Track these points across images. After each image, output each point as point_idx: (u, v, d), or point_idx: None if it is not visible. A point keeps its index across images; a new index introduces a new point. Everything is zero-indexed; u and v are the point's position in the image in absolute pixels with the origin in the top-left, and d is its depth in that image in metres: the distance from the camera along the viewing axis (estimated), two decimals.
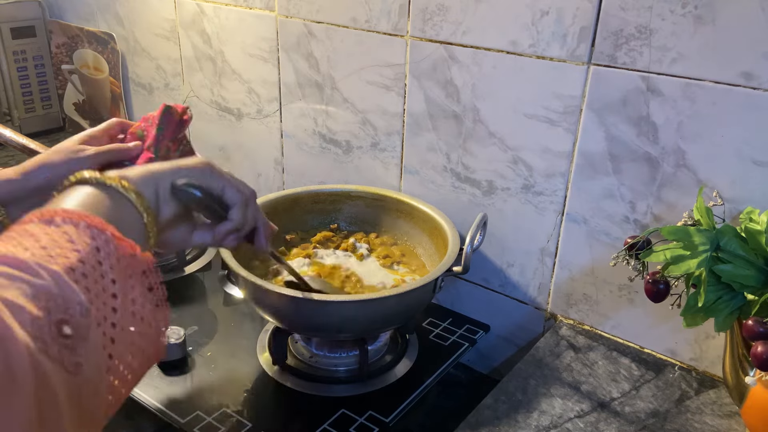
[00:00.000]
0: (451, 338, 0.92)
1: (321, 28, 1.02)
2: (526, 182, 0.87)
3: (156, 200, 0.53)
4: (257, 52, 1.13)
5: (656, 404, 0.74)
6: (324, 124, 1.08)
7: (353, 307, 0.74)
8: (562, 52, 0.79)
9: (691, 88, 0.71)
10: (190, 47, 1.26)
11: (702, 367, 0.80)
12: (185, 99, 1.32)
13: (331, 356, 0.84)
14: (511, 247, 0.92)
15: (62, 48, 1.52)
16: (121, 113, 1.46)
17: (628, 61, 0.74)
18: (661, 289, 0.66)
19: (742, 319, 0.60)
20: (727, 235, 0.62)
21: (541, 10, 0.79)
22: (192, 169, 0.56)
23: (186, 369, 0.83)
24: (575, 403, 0.74)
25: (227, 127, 1.25)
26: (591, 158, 0.80)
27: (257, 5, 1.10)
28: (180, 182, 0.55)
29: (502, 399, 0.74)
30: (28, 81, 1.53)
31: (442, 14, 0.87)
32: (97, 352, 0.38)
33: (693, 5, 0.68)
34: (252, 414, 0.76)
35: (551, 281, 0.90)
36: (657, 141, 0.75)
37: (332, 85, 1.04)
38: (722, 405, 0.74)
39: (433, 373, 0.84)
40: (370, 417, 0.76)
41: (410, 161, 0.99)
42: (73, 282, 0.38)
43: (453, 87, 0.90)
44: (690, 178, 0.74)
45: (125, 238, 0.44)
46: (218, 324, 0.93)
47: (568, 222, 0.85)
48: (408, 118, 0.97)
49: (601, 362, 0.81)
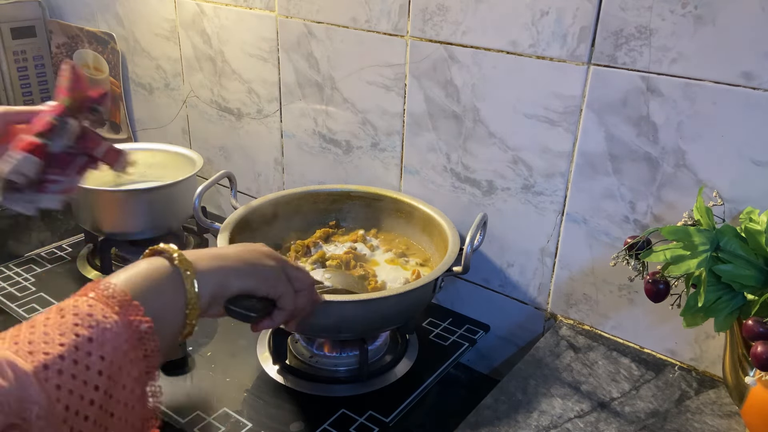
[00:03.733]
0: (451, 338, 0.92)
1: (321, 28, 1.02)
2: (526, 182, 0.87)
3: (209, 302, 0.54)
4: (257, 52, 1.13)
5: (656, 404, 0.74)
6: (324, 124, 1.08)
7: (353, 307, 0.74)
8: (562, 52, 0.79)
9: (691, 88, 0.71)
10: (190, 47, 1.26)
11: (702, 367, 0.80)
12: (185, 99, 1.32)
13: (331, 356, 0.84)
14: (511, 247, 0.92)
15: (62, 48, 1.52)
16: (121, 113, 1.46)
17: (628, 61, 0.74)
18: (661, 289, 0.66)
19: (742, 319, 0.60)
20: (727, 235, 0.62)
21: (541, 10, 0.79)
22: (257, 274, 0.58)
23: (186, 369, 0.83)
24: (575, 403, 0.74)
25: (227, 127, 1.25)
26: (591, 158, 0.80)
27: (257, 5, 1.10)
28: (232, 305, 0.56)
29: (502, 399, 0.74)
30: (28, 81, 1.53)
31: (442, 14, 0.87)
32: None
33: (693, 5, 0.68)
34: (252, 414, 0.76)
35: (551, 281, 0.90)
36: (657, 141, 0.75)
37: (332, 85, 1.04)
38: (722, 405, 0.74)
39: (433, 373, 0.84)
40: (370, 417, 0.76)
41: (410, 161, 0.99)
42: (42, 380, 0.39)
43: (453, 87, 0.90)
44: (690, 178, 0.74)
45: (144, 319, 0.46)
46: (218, 324, 0.93)
47: (568, 222, 0.85)
48: (408, 118, 0.97)
49: (601, 362, 0.81)
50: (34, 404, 0.38)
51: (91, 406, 0.42)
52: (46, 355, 0.41)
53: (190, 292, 0.52)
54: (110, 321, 0.44)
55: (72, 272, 1.06)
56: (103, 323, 0.44)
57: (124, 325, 0.45)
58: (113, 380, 0.43)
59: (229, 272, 0.56)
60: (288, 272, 0.61)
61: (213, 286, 0.54)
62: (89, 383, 0.42)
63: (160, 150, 1.20)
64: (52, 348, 0.41)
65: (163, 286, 0.51)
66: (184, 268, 0.52)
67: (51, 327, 0.43)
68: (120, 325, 0.45)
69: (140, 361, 0.45)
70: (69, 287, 1.02)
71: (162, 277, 0.51)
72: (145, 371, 0.46)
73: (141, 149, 1.22)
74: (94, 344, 0.43)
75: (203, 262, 0.54)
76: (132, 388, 0.45)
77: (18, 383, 0.38)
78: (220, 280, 0.55)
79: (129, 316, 0.46)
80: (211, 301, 0.54)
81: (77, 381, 0.41)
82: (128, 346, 0.45)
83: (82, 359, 0.42)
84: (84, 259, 1.10)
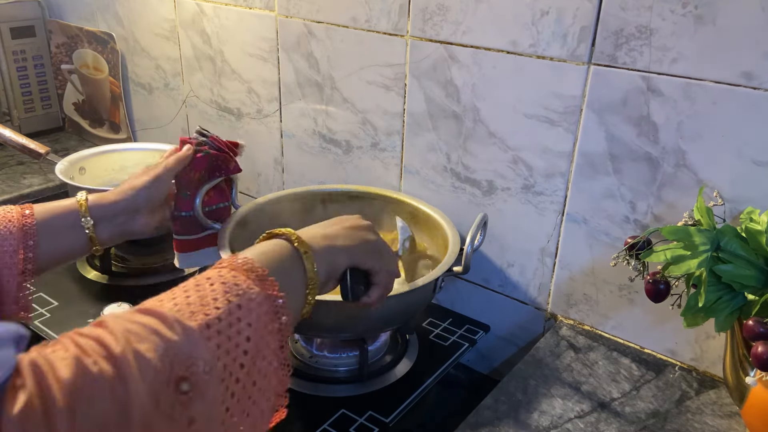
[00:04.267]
0: (451, 338, 0.92)
1: (321, 28, 1.02)
2: (526, 182, 0.87)
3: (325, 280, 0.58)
4: (257, 51, 1.13)
5: (656, 404, 0.74)
6: (324, 124, 1.08)
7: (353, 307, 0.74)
8: (562, 52, 0.79)
9: (692, 88, 0.71)
10: (189, 47, 1.25)
11: (702, 368, 0.80)
12: (185, 99, 1.32)
13: (331, 356, 0.84)
14: (511, 247, 0.92)
15: (62, 48, 1.52)
16: (121, 113, 1.46)
17: (628, 61, 0.74)
18: (661, 289, 0.66)
19: (743, 319, 0.60)
20: (728, 235, 0.62)
21: (541, 10, 0.79)
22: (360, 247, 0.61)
23: None
24: (575, 403, 0.74)
25: (227, 127, 1.25)
26: (591, 158, 0.80)
27: (257, 5, 1.10)
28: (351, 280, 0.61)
29: (502, 399, 0.74)
30: (27, 81, 1.53)
31: (442, 14, 0.87)
32: (215, 407, 0.41)
33: (693, 5, 0.68)
34: None
35: (551, 281, 0.90)
36: (657, 141, 0.75)
37: (332, 85, 1.04)
38: (722, 405, 0.74)
39: (433, 373, 0.84)
40: (370, 417, 0.76)
41: (410, 161, 0.99)
42: (206, 339, 0.42)
43: (453, 87, 0.90)
44: (690, 178, 0.74)
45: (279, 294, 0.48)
46: None
47: (568, 222, 0.85)
48: (408, 118, 0.97)
49: (601, 362, 0.81)
50: (200, 359, 0.40)
51: (241, 370, 0.43)
52: (206, 315, 0.43)
53: (310, 271, 0.55)
54: (254, 292, 0.47)
55: (71, 272, 1.06)
56: (248, 293, 0.46)
57: (265, 298, 0.47)
58: (257, 348, 0.45)
59: (341, 251, 0.59)
60: (383, 247, 0.65)
61: (327, 265, 0.57)
62: (240, 347, 0.44)
63: (160, 150, 1.20)
64: (210, 310, 0.43)
65: (287, 264, 0.54)
66: (303, 250, 0.55)
67: (204, 293, 0.45)
68: (261, 296, 0.47)
69: (276, 333, 0.47)
70: (68, 287, 1.02)
71: (285, 257, 0.54)
72: (279, 345, 0.48)
73: (141, 149, 1.22)
74: (242, 311, 0.45)
75: (318, 244, 0.58)
76: (270, 360, 0.46)
77: (186, 338, 0.41)
78: (333, 258, 0.58)
79: (267, 290, 0.48)
80: (327, 279, 0.58)
81: (231, 343, 0.43)
82: (267, 318, 0.47)
83: (234, 323, 0.44)
84: (83, 260, 1.10)
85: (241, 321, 0.44)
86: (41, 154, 1.13)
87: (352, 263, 0.61)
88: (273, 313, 0.47)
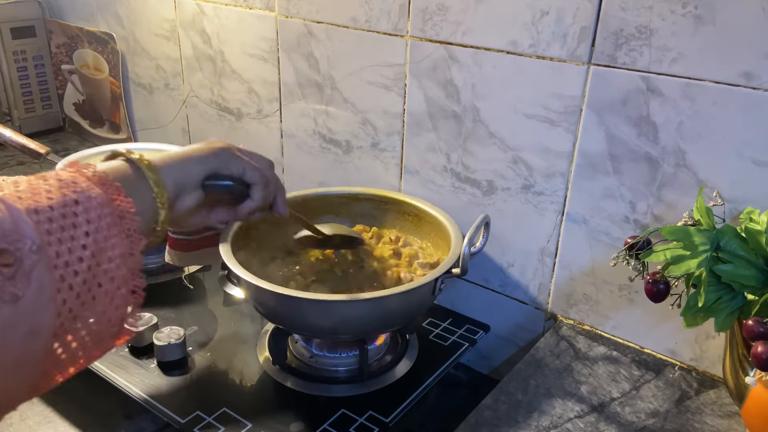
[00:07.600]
0: (451, 338, 0.92)
1: (321, 28, 1.02)
2: (526, 182, 0.87)
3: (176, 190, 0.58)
4: (257, 52, 1.13)
5: (656, 404, 0.74)
6: (324, 124, 1.08)
7: (353, 308, 0.74)
8: (562, 52, 0.79)
9: (691, 88, 0.71)
10: (190, 47, 1.26)
11: (702, 368, 0.80)
12: (185, 99, 1.32)
13: (331, 356, 0.84)
14: (511, 247, 0.92)
15: (62, 48, 1.52)
16: (121, 113, 1.46)
17: (628, 61, 0.74)
18: (661, 289, 0.66)
19: (742, 319, 0.60)
20: (728, 235, 0.62)
21: (541, 10, 0.79)
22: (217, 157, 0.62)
23: (186, 369, 0.83)
24: (575, 403, 0.74)
25: (227, 127, 1.25)
26: (591, 158, 0.80)
27: (257, 5, 1.10)
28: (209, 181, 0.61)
29: (502, 399, 0.74)
30: (28, 81, 1.53)
31: (442, 14, 0.87)
32: (44, 292, 0.39)
33: (693, 5, 0.68)
34: (252, 414, 0.75)
35: (551, 281, 0.90)
36: (657, 141, 0.75)
37: (332, 85, 1.04)
38: (722, 405, 0.74)
39: (433, 373, 0.84)
40: (370, 417, 0.76)
41: (410, 161, 0.99)
42: (34, 222, 0.40)
43: (453, 87, 0.90)
44: (690, 178, 0.74)
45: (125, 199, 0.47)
46: (218, 324, 0.93)
47: (568, 222, 0.85)
48: (408, 118, 0.97)
49: (601, 362, 0.81)
50: (27, 238, 0.39)
51: (80, 263, 0.42)
52: (36, 202, 0.41)
53: (153, 179, 0.55)
54: (95, 192, 0.46)
55: None
56: (87, 191, 0.45)
57: (107, 200, 0.46)
58: (99, 247, 0.44)
59: (186, 159, 0.60)
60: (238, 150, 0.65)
61: (174, 173, 0.58)
62: (76, 240, 0.42)
63: (160, 150, 1.20)
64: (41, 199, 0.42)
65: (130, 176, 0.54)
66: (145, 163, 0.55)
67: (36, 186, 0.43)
68: (102, 197, 0.46)
69: (123, 239, 0.46)
70: None
71: (128, 171, 0.54)
72: (129, 252, 0.47)
73: (141, 149, 1.22)
74: (80, 207, 0.44)
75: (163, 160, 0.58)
76: (118, 265, 0.45)
77: (11, 215, 0.39)
78: (179, 166, 0.59)
79: (110, 195, 0.47)
80: (178, 188, 0.58)
81: (65, 233, 0.42)
82: (111, 221, 0.45)
83: (69, 215, 0.43)
84: None
85: (78, 216, 0.43)
86: (41, 155, 1.13)
87: (208, 170, 0.61)
88: (117, 216, 0.46)
